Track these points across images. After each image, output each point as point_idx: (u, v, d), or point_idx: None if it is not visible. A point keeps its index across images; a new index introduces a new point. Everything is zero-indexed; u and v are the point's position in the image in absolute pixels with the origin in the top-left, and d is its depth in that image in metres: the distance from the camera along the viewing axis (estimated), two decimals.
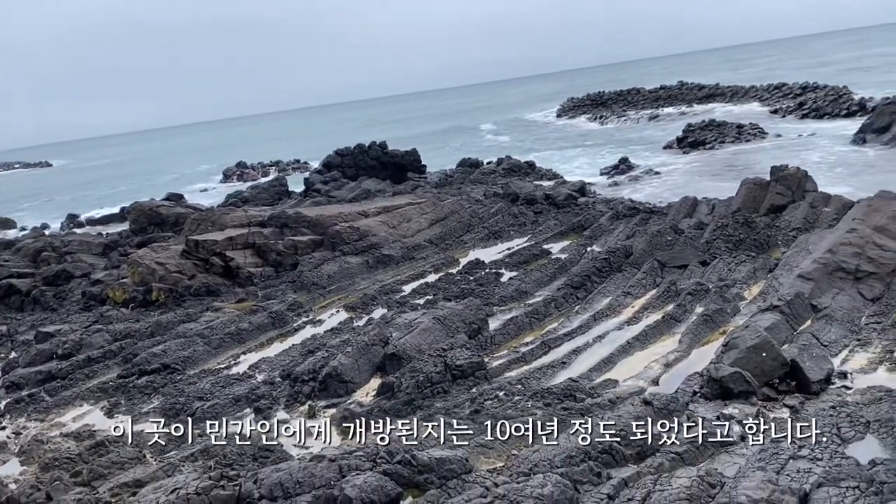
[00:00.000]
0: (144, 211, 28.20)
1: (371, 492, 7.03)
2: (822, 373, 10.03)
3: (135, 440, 10.60)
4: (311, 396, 11.73)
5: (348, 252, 20.07)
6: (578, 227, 21.29)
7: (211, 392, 12.34)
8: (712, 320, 12.77)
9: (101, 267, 23.07)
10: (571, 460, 7.89)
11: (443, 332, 13.35)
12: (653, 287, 15.24)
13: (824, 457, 7.43)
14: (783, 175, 19.36)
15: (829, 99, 50.58)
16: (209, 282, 18.69)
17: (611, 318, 13.98)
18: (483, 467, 8.20)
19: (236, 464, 9.07)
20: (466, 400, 10.76)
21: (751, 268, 15.42)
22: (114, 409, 12.37)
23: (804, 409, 9.19)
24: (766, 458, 7.54)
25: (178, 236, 24.10)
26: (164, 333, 15.58)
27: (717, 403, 9.43)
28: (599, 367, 11.74)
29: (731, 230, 17.16)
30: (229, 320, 15.79)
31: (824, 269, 13.39)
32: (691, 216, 20.30)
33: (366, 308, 16.35)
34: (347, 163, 39.26)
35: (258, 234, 20.69)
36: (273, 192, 36.30)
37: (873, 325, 11.95)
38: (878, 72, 68.82)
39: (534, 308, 14.68)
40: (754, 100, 60.94)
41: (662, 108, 65.82)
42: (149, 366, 13.55)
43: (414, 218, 22.78)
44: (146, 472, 9.10)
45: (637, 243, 17.65)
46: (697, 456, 8.00)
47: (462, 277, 17.88)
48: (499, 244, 21.15)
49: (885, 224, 14.52)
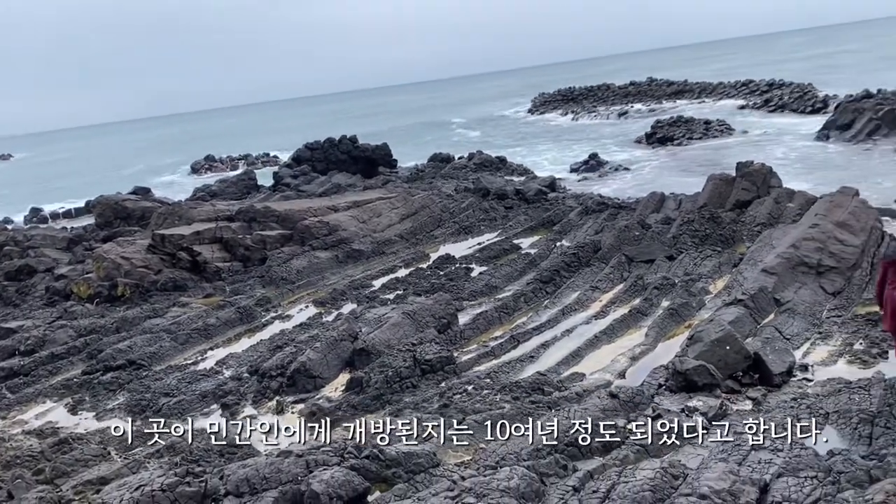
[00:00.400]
0: (110, 205, 27.76)
1: (338, 486, 7.02)
2: (784, 365, 10.22)
3: (99, 437, 10.47)
4: (279, 392, 11.67)
5: (318, 247, 19.97)
6: (548, 223, 21.43)
7: (177, 388, 12.22)
8: (678, 314, 12.95)
9: (66, 262, 22.68)
10: (538, 453, 7.95)
11: (412, 326, 13.37)
12: (620, 281, 15.40)
13: (784, 448, 7.58)
14: (748, 171, 19.67)
15: (795, 96, 51.48)
16: (176, 277, 18.46)
17: (579, 312, 14.10)
18: (451, 461, 8.23)
19: (203, 460, 8.99)
20: (435, 394, 10.79)
21: (716, 262, 15.65)
22: (78, 405, 12.19)
23: (766, 402, 9.36)
24: (728, 450, 7.67)
25: (144, 231, 23.77)
26: (130, 329, 15.36)
27: (682, 396, 9.56)
28: (567, 360, 11.85)
29: (698, 225, 17.40)
30: (196, 315, 15.63)
31: (787, 263, 13.64)
32: (659, 211, 20.54)
33: (335, 303, 16.28)
34: (317, 157, 39.03)
35: (226, 228, 20.49)
36: (242, 187, 35.96)
37: (834, 318, 12.21)
38: (844, 69, 70.10)
39: (503, 302, 14.75)
40: (722, 96, 61.78)
41: (632, 104, 66.43)
42: (114, 362, 13.37)
43: (384, 213, 22.73)
44: (110, 469, 8.98)
45: (605, 238, 17.81)
46: (662, 448, 8.11)
47: (432, 272, 17.89)
48: (469, 239, 21.20)
49: (846, 220, 14.83)
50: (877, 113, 34.14)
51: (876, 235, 14.89)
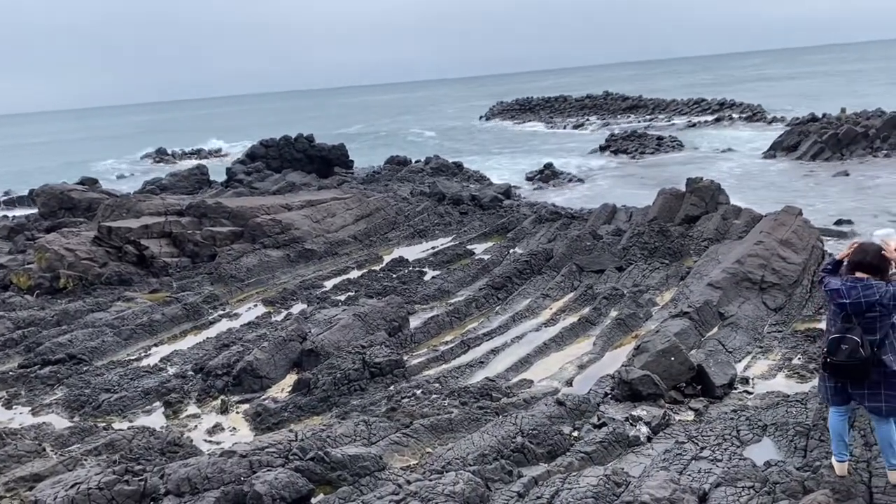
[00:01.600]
0: (55, 194, 26.97)
1: (282, 488, 6.94)
2: (726, 378, 10.47)
3: (34, 432, 10.14)
4: (225, 391, 11.47)
5: (269, 245, 19.73)
6: (502, 229, 21.58)
7: (119, 384, 11.91)
8: (625, 324, 13.16)
9: (6, 251, 21.95)
10: (484, 458, 7.99)
11: (363, 329, 13.29)
12: (571, 290, 15.58)
13: (724, 458, 7.77)
14: (698, 187, 20.12)
15: (745, 116, 52.92)
16: (122, 270, 18.03)
17: (529, 319, 14.22)
18: (397, 465, 8.20)
19: (143, 458, 8.78)
20: (384, 398, 10.75)
21: (664, 275, 15.96)
22: (13, 400, 11.78)
23: (708, 413, 9.58)
24: (671, 459, 7.83)
25: (90, 222, 23.14)
26: (72, 322, 14.94)
27: (627, 405, 9.71)
28: (516, 367, 11.93)
29: (647, 238, 17.72)
30: (141, 311, 15.28)
31: (732, 278, 13.98)
32: (610, 223, 20.86)
33: (285, 303, 16.10)
34: (272, 154, 38.59)
35: (175, 223, 20.10)
36: (193, 181, 35.32)
37: (775, 333, 12.56)
38: (801, 90, 72.30)
39: (455, 307, 14.79)
40: (675, 113, 63.14)
41: (587, 116, 67.43)
42: (53, 355, 12.97)
43: (339, 213, 22.58)
44: (45, 465, 8.69)
45: (557, 247, 18.02)
46: (606, 456, 8.23)
47: (385, 275, 17.84)
48: (423, 243, 21.21)
49: (789, 238, 15.29)
50: (821, 136, 35.34)
51: (817, 254, 15.40)
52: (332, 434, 8.64)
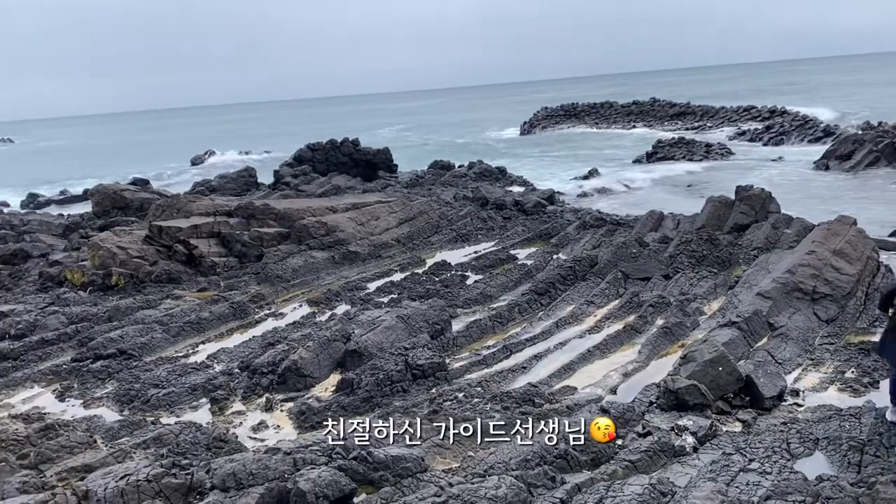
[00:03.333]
0: (108, 194, 27.68)
1: (325, 486, 6.99)
2: (776, 389, 10.22)
3: (86, 425, 10.41)
4: (269, 389, 11.62)
5: (314, 247, 19.95)
6: (545, 235, 21.44)
7: (167, 380, 12.16)
8: (672, 333, 12.96)
9: (61, 248, 22.61)
10: (526, 464, 7.93)
11: (405, 331, 13.34)
12: (616, 297, 15.40)
13: (773, 471, 7.58)
14: (748, 195, 19.74)
15: (796, 124, 51.76)
16: (171, 269, 18.41)
17: (573, 325, 14.09)
18: (438, 467, 8.20)
19: (189, 453, 8.94)
20: (426, 400, 10.76)
21: (712, 284, 15.67)
22: (66, 392, 12.11)
23: (756, 424, 9.36)
24: (717, 470, 7.67)
25: (141, 221, 23.70)
26: (122, 319, 15.30)
27: (673, 414, 9.55)
28: (559, 373, 11.83)
29: (695, 246, 17.43)
30: (189, 309, 15.58)
31: (783, 288, 13.66)
32: (657, 230, 20.58)
33: (329, 303, 16.25)
34: (318, 158, 39.00)
35: (224, 223, 20.45)
36: (242, 183, 35.89)
37: (826, 345, 12.23)
38: (853, 98, 70.50)
39: (497, 312, 14.74)
40: (724, 120, 62.07)
41: (634, 122, 66.70)
42: (104, 350, 13.30)
43: (382, 216, 22.72)
44: (96, 457, 8.92)
45: (602, 254, 17.83)
46: (650, 465, 8.10)
47: (427, 278, 17.88)
48: (466, 247, 21.21)
49: (843, 248, 14.88)
50: (877, 145, 34.35)
51: (872, 266, 14.95)
52: (373, 434, 8.67)
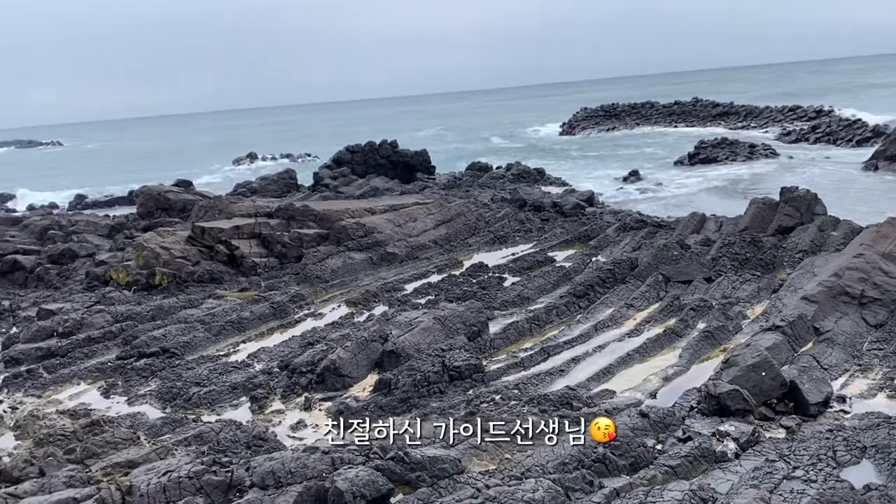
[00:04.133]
0: (152, 195, 28.27)
1: (362, 486, 7.02)
2: (821, 395, 9.98)
3: (130, 421, 10.63)
4: (308, 388, 11.73)
5: (353, 248, 20.09)
6: (584, 237, 21.27)
7: (208, 378, 12.36)
8: (713, 337, 12.74)
9: (106, 248, 23.14)
10: (564, 467, 7.87)
11: (442, 332, 13.34)
12: (656, 300, 15.20)
13: (818, 479, 7.40)
14: (793, 197, 19.32)
15: (844, 124, 50.48)
16: (213, 269, 18.72)
17: (612, 328, 13.94)
18: (475, 469, 8.18)
19: (229, 451, 9.07)
20: (462, 401, 10.74)
21: (755, 287, 15.38)
22: (111, 389, 12.39)
23: (801, 431, 9.15)
24: (760, 477, 7.51)
25: (184, 222, 24.15)
26: (165, 318, 15.60)
27: (714, 420, 9.39)
28: (598, 376, 11.71)
29: (738, 248, 17.11)
30: (231, 308, 15.81)
31: (829, 292, 13.34)
32: (698, 232, 20.26)
33: (367, 304, 16.35)
34: (357, 160, 39.28)
35: (265, 224, 20.72)
36: (282, 185, 36.32)
37: (875, 351, 11.90)
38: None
39: (535, 314, 14.66)
40: (768, 121, 60.85)
41: (675, 123, 65.80)
42: (148, 349, 13.57)
43: (420, 218, 22.78)
44: (139, 453, 9.11)
45: (643, 256, 17.61)
46: (691, 470, 7.97)
47: (465, 279, 17.87)
48: (503, 249, 21.13)
49: (893, 251, 14.46)
50: None
51: None
52: (411, 435, 8.69)
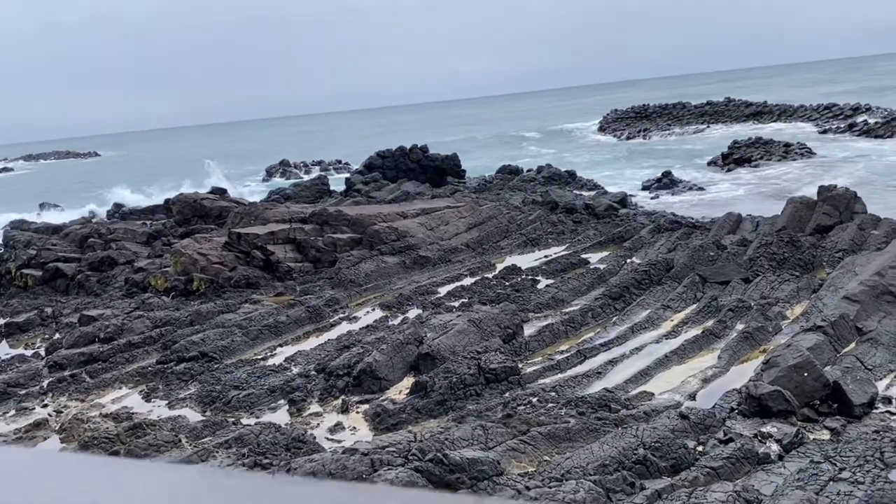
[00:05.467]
0: (189, 203, 28.70)
1: (402, 487, 7.05)
2: (866, 396, 9.78)
3: (171, 424, 10.80)
4: (345, 391, 11.81)
5: (386, 252, 20.19)
6: (618, 239, 21.10)
7: (247, 382, 12.50)
8: (753, 338, 12.55)
9: (145, 255, 23.54)
10: (605, 469, 7.82)
11: (477, 335, 13.34)
12: (693, 302, 15.03)
13: (866, 480, 7.25)
14: (831, 195, 18.98)
15: (882, 122, 49.45)
16: (249, 274, 18.95)
17: (649, 330, 13.82)
18: (514, 471, 8.16)
19: (269, 453, 9.17)
20: (499, 404, 10.73)
21: (794, 287, 15.13)
22: (151, 393, 12.60)
23: (846, 432, 8.98)
24: (805, 479, 7.38)
25: (220, 229, 24.48)
26: (203, 322, 15.82)
27: (756, 421, 9.26)
28: (636, 378, 11.61)
29: (776, 248, 16.84)
30: (267, 313, 15.98)
31: (871, 291, 13.07)
32: (735, 232, 19.99)
33: (401, 307, 16.41)
34: (388, 165, 39.49)
35: (299, 230, 20.92)
36: (315, 191, 36.64)
37: None
38: None
39: (570, 316, 14.59)
40: (803, 119, 59.85)
41: (708, 123, 65.02)
42: (187, 353, 13.78)
43: (452, 221, 22.81)
44: (181, 455, 9.24)
45: (678, 257, 17.43)
46: (734, 472, 7.86)
47: (498, 282, 17.85)
48: (536, 251, 21.06)
49: None
50: None
51: None
52: (449, 437, 8.72)
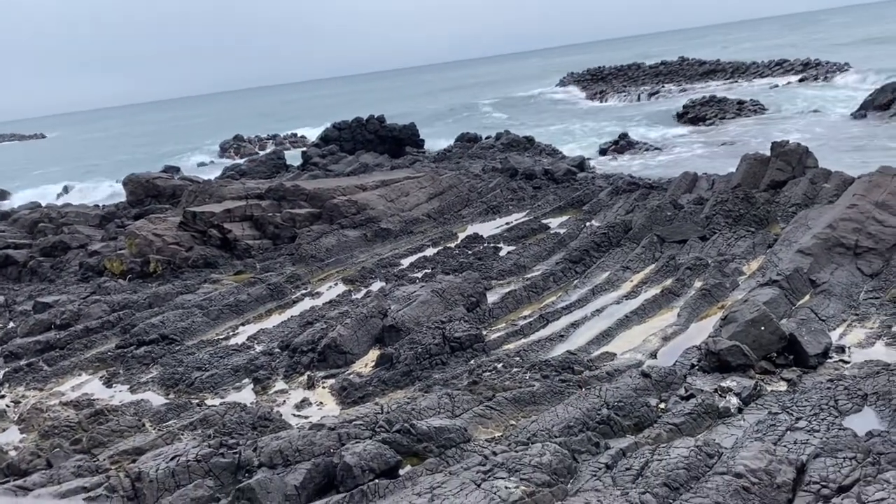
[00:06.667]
0: (141, 183, 28.05)
1: (370, 459, 7.06)
2: (820, 347, 10.05)
3: (134, 409, 10.64)
4: (311, 367, 11.75)
5: (346, 225, 20.02)
6: (577, 203, 21.23)
7: (209, 362, 12.36)
8: (711, 295, 12.78)
9: (99, 238, 23.00)
10: (570, 430, 7.92)
11: (441, 304, 13.36)
12: (652, 262, 15.23)
13: (821, 428, 7.47)
14: (784, 151, 19.27)
15: (831, 75, 50.36)
16: (207, 254, 18.65)
17: (609, 292, 13.98)
18: (482, 437, 8.23)
19: (235, 432, 9.09)
20: (465, 372, 10.79)
21: (750, 243, 15.41)
22: (112, 378, 12.39)
23: (802, 383, 9.23)
24: (764, 430, 7.58)
25: (175, 208, 24.00)
26: (162, 305, 15.57)
27: (715, 376, 9.46)
28: (597, 340, 11.77)
29: (731, 205, 17.12)
30: (227, 292, 15.78)
31: (824, 244, 13.38)
32: (691, 191, 20.25)
33: (364, 281, 16.33)
34: (345, 136, 39.06)
35: (256, 206, 20.61)
36: (271, 166, 36.11)
37: (871, 300, 11.97)
38: (886, 47, 68.22)
39: (532, 282, 14.68)
40: (755, 76, 60.63)
41: (663, 83, 65.45)
42: (147, 336, 13.56)
43: (412, 192, 22.69)
44: (146, 440, 9.12)
45: (636, 218, 17.61)
46: (695, 427, 8.04)
47: (460, 251, 17.86)
48: (497, 219, 21.10)
49: (886, 200, 14.49)
50: None
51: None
52: (416, 407, 8.74)
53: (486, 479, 6.47)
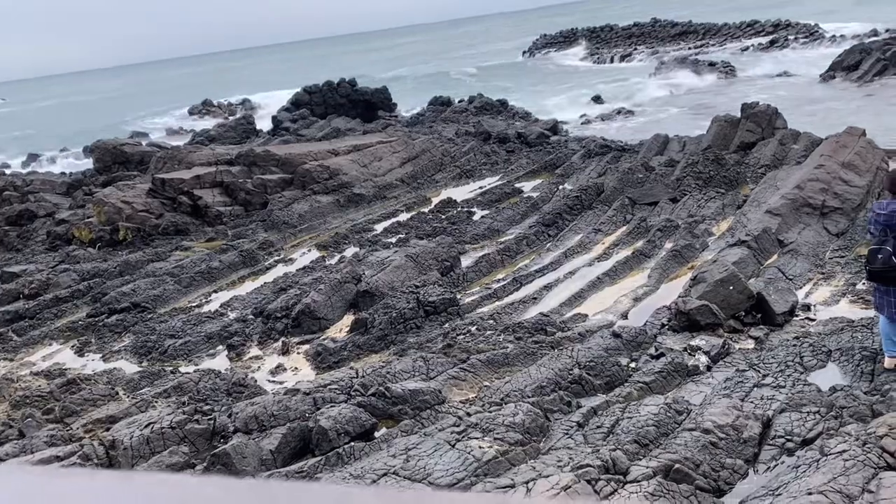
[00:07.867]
0: (108, 149, 27.49)
1: (346, 423, 7.12)
2: (787, 305, 10.26)
3: (107, 377, 10.59)
4: (285, 333, 11.74)
5: (319, 191, 19.86)
6: (550, 166, 21.26)
7: (182, 330, 12.30)
8: (681, 255, 12.95)
9: (66, 206, 22.57)
10: (542, 390, 8.04)
11: (415, 269, 13.38)
12: (623, 224, 15.36)
13: (787, 384, 7.66)
14: (753, 112, 19.43)
15: (801, 36, 50.61)
16: (177, 221, 18.41)
17: (581, 254, 14.10)
18: (456, 398, 8.33)
19: (210, 399, 9.10)
20: (439, 335, 10.87)
21: (720, 204, 15.59)
22: (84, 347, 12.29)
23: (769, 340, 9.43)
24: (731, 386, 7.75)
25: (143, 175, 23.59)
26: (133, 272, 15.39)
27: (685, 335, 9.62)
28: (570, 302, 11.90)
29: (702, 167, 17.26)
30: (199, 259, 15.64)
31: (791, 204, 13.57)
32: (662, 154, 20.36)
33: (337, 247, 16.28)
34: (316, 101, 38.55)
35: (226, 172, 20.33)
36: (240, 131, 35.56)
37: (837, 259, 12.22)
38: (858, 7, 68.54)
39: (506, 245, 14.75)
40: (727, 38, 60.70)
41: (635, 45, 65.32)
42: (118, 305, 13.42)
43: (385, 157, 22.52)
44: (119, 408, 9.10)
45: (608, 181, 17.69)
46: (665, 385, 8.20)
47: (434, 216, 17.84)
48: (471, 183, 21.07)
49: (852, 160, 14.71)
50: (884, 53, 33.58)
51: (881, 176, 14.78)
52: (391, 371, 8.80)
53: (460, 440, 6.57)
